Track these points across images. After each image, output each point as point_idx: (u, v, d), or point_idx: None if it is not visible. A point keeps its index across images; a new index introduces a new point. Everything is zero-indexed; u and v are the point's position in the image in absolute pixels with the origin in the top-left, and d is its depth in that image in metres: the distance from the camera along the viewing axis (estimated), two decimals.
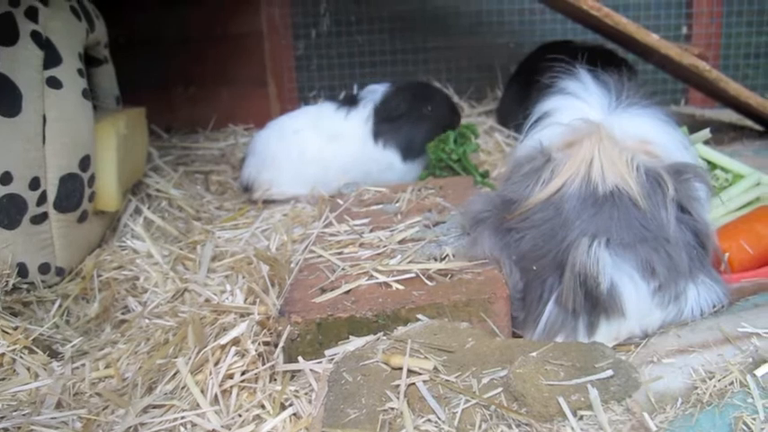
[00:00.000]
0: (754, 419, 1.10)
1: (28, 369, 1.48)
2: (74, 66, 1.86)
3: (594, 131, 1.44)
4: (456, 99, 3.33)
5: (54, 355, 1.56)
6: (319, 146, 2.35)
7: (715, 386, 1.20)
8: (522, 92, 2.85)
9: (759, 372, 1.22)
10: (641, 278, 1.31)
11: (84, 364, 1.49)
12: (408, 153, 2.34)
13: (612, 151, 1.39)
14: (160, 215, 2.23)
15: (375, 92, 2.37)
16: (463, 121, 3.01)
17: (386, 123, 2.31)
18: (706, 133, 1.95)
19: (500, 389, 1.06)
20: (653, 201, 1.35)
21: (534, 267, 1.37)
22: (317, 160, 2.34)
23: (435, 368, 1.13)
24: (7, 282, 1.72)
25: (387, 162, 2.33)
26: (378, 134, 2.31)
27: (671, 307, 1.36)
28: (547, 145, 1.49)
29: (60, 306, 1.75)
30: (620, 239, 1.31)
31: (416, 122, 2.35)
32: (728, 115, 3.03)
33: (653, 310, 1.35)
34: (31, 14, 1.79)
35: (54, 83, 1.79)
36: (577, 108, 1.58)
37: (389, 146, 2.32)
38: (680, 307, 1.37)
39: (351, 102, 2.39)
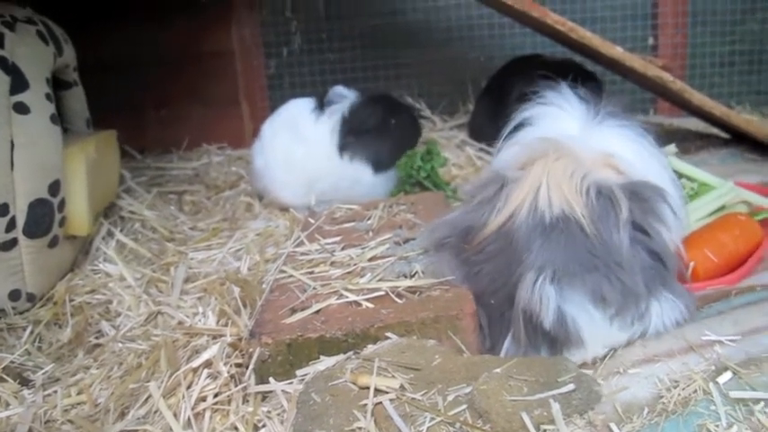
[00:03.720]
0: (717, 426, 1.12)
1: None
2: (41, 91, 1.86)
3: (548, 151, 1.42)
4: (428, 113, 3.36)
5: (25, 382, 1.55)
6: (291, 146, 2.37)
7: (679, 394, 1.23)
8: (493, 106, 2.89)
9: (721, 379, 1.24)
10: (594, 307, 1.30)
11: (56, 391, 1.48)
12: (378, 166, 2.34)
13: (562, 174, 1.37)
14: (133, 237, 2.22)
15: (342, 98, 2.36)
16: (435, 135, 3.05)
17: (352, 136, 2.31)
18: (672, 148, 1.98)
19: (464, 406, 1.07)
20: (605, 223, 1.33)
21: (492, 302, 1.36)
22: (291, 162, 2.36)
23: (402, 386, 1.14)
24: None
25: (355, 176, 2.34)
26: (344, 148, 2.31)
27: (636, 326, 1.36)
28: (503, 168, 1.47)
29: (32, 332, 1.74)
30: (567, 270, 1.29)
31: (383, 135, 2.34)
32: (695, 124, 3.08)
33: (615, 334, 1.35)
34: None
35: (21, 108, 1.78)
36: (556, 117, 1.57)
37: (357, 159, 2.32)
38: (644, 325, 1.37)
39: (322, 105, 2.38)
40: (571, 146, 1.44)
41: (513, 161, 1.48)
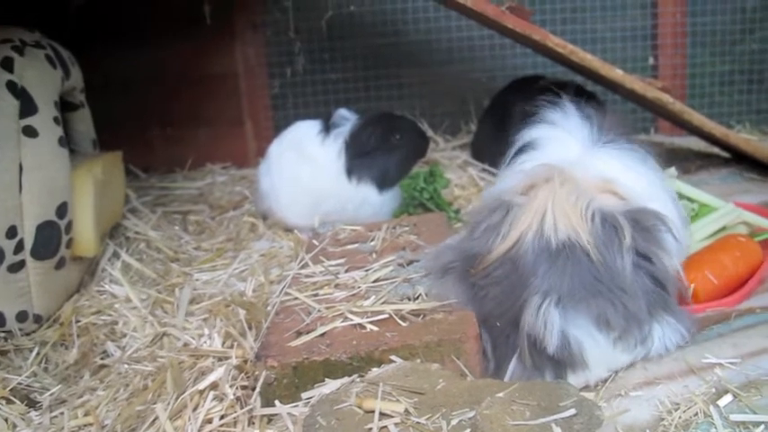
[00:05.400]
0: None
1: (6, 420, 1.49)
2: (50, 114, 1.88)
3: (550, 177, 1.44)
4: (430, 133, 3.38)
5: (32, 404, 1.56)
6: (297, 168, 2.39)
7: (680, 417, 1.25)
8: (495, 126, 2.91)
9: (721, 402, 1.26)
10: (597, 330, 1.32)
11: (62, 413, 1.49)
12: (384, 185, 2.36)
13: (566, 201, 1.38)
14: (138, 257, 2.24)
15: (345, 121, 2.38)
16: (437, 155, 3.08)
17: (357, 159, 2.33)
18: (672, 171, 2.01)
19: (468, 430, 1.09)
20: (609, 249, 1.34)
21: (498, 324, 1.38)
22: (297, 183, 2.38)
23: (406, 410, 1.15)
24: None
25: (362, 197, 2.35)
26: (351, 170, 2.33)
27: (638, 349, 1.39)
28: (507, 193, 1.48)
29: (38, 354, 1.76)
30: (572, 295, 1.31)
31: (388, 154, 2.36)
32: (696, 143, 3.10)
33: (618, 356, 1.38)
34: (7, 65, 1.83)
35: (30, 132, 1.81)
36: (560, 140, 1.58)
37: (364, 181, 2.34)
38: (647, 348, 1.39)
39: (327, 127, 2.40)
40: (572, 172, 1.46)
41: (515, 187, 1.49)
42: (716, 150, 2.99)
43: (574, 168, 1.47)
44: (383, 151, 2.35)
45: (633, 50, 3.45)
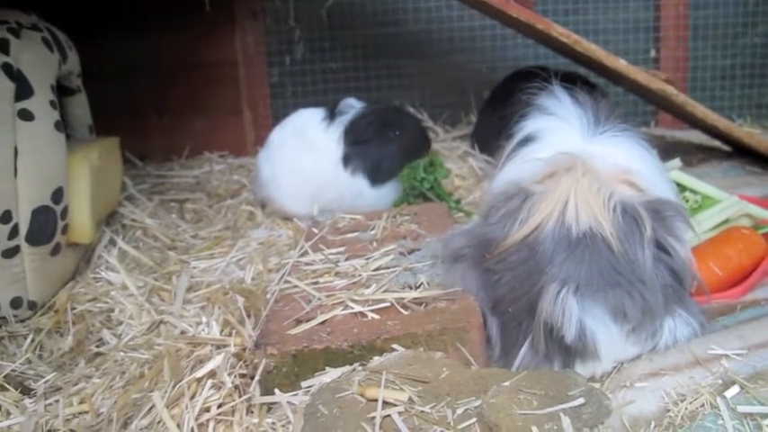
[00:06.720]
0: None
1: None
2: (46, 97, 1.85)
3: (573, 166, 1.40)
4: (430, 124, 3.36)
5: (26, 391, 1.54)
6: (299, 155, 2.37)
7: (687, 409, 1.23)
8: (496, 117, 2.88)
9: (728, 393, 1.25)
10: (613, 322, 1.30)
11: (57, 400, 1.47)
12: (376, 178, 2.33)
13: (589, 190, 1.35)
14: (135, 245, 2.22)
15: (350, 109, 2.35)
16: (437, 145, 3.05)
17: (354, 147, 2.30)
18: (676, 162, 1.98)
19: (474, 419, 1.07)
20: (629, 241, 1.32)
21: (510, 310, 1.36)
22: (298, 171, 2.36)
23: (410, 399, 1.13)
24: None
25: (356, 188, 2.33)
26: (346, 159, 2.31)
27: (648, 342, 1.37)
28: (526, 180, 1.45)
29: (33, 341, 1.74)
30: (590, 284, 1.28)
31: (383, 147, 2.33)
32: (697, 136, 3.09)
33: (628, 349, 1.36)
34: (2, 47, 1.80)
35: (26, 115, 1.78)
36: (560, 130, 1.55)
37: (358, 171, 2.32)
38: (656, 341, 1.38)
39: (332, 115, 2.38)
40: (591, 161, 1.42)
41: (533, 175, 1.46)
42: (717, 144, 2.97)
43: (592, 158, 1.44)
44: (378, 143, 2.32)
45: (635, 43, 3.43)
